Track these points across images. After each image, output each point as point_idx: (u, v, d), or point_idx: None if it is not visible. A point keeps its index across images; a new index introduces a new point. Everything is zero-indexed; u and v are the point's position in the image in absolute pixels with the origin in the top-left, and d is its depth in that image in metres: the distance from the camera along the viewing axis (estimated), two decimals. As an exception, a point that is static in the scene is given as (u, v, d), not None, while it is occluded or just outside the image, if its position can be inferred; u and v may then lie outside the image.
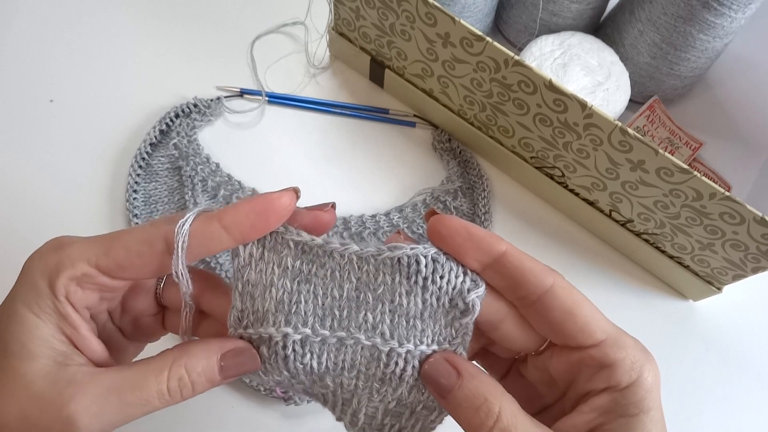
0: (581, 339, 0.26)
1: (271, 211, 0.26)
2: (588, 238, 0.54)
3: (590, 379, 0.26)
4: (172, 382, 0.26)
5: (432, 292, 0.26)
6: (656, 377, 0.26)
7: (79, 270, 0.26)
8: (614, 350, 0.25)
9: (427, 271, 0.26)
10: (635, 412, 0.25)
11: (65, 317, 0.26)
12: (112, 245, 0.26)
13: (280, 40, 0.60)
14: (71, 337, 0.26)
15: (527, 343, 0.27)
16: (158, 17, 0.60)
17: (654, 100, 0.57)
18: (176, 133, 0.53)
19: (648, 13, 0.53)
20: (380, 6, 0.48)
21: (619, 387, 0.25)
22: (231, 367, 0.27)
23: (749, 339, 0.51)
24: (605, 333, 0.26)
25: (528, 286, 0.26)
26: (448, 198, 0.52)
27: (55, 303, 0.26)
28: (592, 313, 0.26)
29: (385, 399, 0.27)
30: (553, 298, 0.26)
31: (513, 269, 0.26)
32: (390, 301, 0.26)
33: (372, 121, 0.57)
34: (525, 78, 0.44)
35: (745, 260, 0.44)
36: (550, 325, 0.26)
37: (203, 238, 0.25)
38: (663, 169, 0.42)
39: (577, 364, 0.26)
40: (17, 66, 0.56)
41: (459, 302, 0.26)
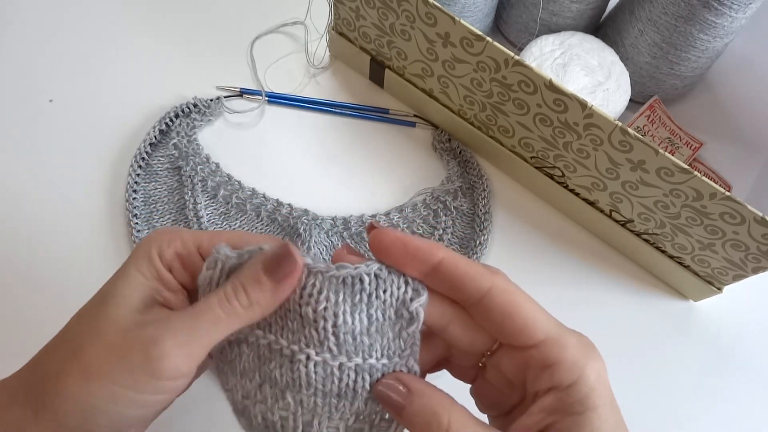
0: (522, 339, 0.26)
1: None
2: (588, 238, 0.54)
3: (536, 378, 0.26)
4: (227, 288, 0.28)
5: (377, 307, 0.26)
6: (600, 373, 0.26)
7: (185, 249, 0.30)
8: (554, 349, 0.26)
9: (370, 288, 0.26)
10: (581, 410, 0.25)
11: (165, 281, 0.29)
12: (217, 235, 0.30)
13: (280, 40, 0.60)
14: (166, 298, 0.29)
15: (478, 344, 0.28)
16: (158, 17, 0.60)
17: (654, 100, 0.57)
18: (176, 133, 0.53)
19: (648, 12, 0.53)
20: (380, 6, 0.48)
21: (561, 386, 0.26)
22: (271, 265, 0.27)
23: (749, 339, 0.51)
24: (545, 333, 0.26)
25: (466, 290, 0.27)
26: (448, 198, 0.52)
27: (159, 268, 0.29)
28: (533, 314, 0.27)
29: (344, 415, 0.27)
30: (492, 299, 0.26)
31: (450, 276, 0.27)
32: (334, 317, 0.26)
33: (372, 121, 0.57)
34: (525, 78, 0.44)
35: (745, 260, 0.44)
36: (492, 325, 0.27)
37: None
38: (663, 169, 0.42)
39: (523, 363, 0.27)
40: (17, 66, 0.56)
41: (404, 312, 0.26)
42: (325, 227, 0.50)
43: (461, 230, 0.52)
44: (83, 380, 0.26)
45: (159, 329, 0.26)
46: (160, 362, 0.25)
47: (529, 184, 0.55)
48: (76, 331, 0.28)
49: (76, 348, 0.27)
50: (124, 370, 0.26)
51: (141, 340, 0.26)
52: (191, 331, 0.26)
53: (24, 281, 0.41)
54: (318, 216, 0.50)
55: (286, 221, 0.50)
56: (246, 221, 0.50)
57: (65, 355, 0.27)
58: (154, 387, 0.26)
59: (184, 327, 0.26)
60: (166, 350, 0.26)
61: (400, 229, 0.51)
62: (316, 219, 0.50)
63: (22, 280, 0.42)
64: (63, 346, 0.28)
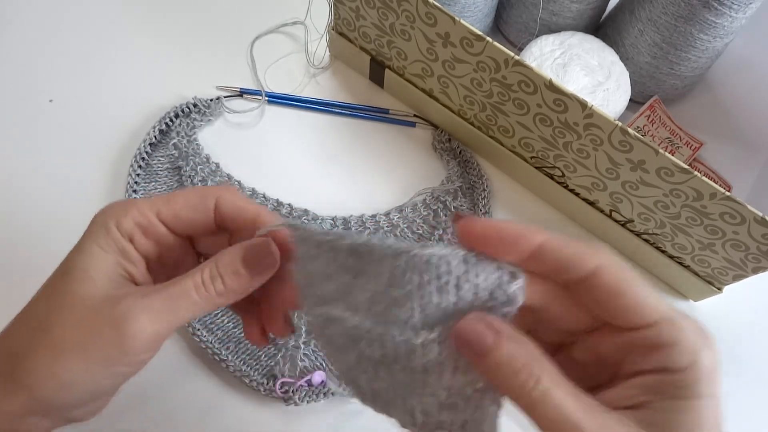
0: (633, 319, 0.25)
1: None
2: (588, 238, 0.54)
3: (642, 359, 0.25)
4: (205, 274, 0.29)
5: (467, 289, 0.25)
6: (715, 363, 0.24)
7: (144, 217, 0.30)
8: (671, 331, 0.24)
9: (458, 270, 0.25)
10: (687, 396, 0.24)
11: (126, 253, 0.29)
12: (173, 198, 0.31)
13: (279, 40, 0.60)
14: (128, 270, 0.29)
15: (576, 323, 0.27)
16: (158, 17, 0.60)
17: (654, 100, 0.57)
18: (176, 133, 0.53)
19: (648, 12, 0.53)
20: (380, 6, 0.48)
21: (672, 368, 0.24)
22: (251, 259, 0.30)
23: (749, 339, 0.51)
24: (659, 313, 0.25)
25: (569, 270, 0.25)
26: (448, 198, 0.52)
27: (119, 240, 0.29)
28: (645, 293, 0.25)
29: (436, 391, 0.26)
30: (599, 279, 0.25)
31: (551, 258, 0.25)
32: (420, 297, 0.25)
33: (372, 121, 0.57)
34: (525, 78, 0.44)
35: (745, 260, 0.44)
36: (598, 305, 0.25)
37: None
38: (663, 169, 0.42)
39: (628, 344, 0.25)
40: (17, 66, 0.56)
41: (499, 295, 0.25)
42: (325, 227, 0.50)
43: (461, 230, 0.52)
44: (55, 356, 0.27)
45: (133, 307, 0.27)
46: (134, 339, 0.27)
47: (529, 184, 0.55)
48: (41, 309, 0.28)
49: (44, 325, 0.27)
50: (96, 346, 0.27)
51: (113, 317, 0.27)
52: (166, 313, 0.28)
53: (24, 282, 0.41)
54: (318, 216, 0.50)
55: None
56: (246, 221, 0.50)
57: (33, 333, 0.28)
58: (127, 361, 0.28)
59: (161, 308, 0.28)
60: (140, 328, 0.27)
61: (400, 229, 0.51)
62: (316, 219, 0.50)
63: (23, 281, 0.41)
64: (28, 324, 0.28)
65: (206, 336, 0.45)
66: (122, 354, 0.27)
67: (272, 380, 0.45)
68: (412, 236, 0.51)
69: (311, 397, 0.44)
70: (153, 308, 0.27)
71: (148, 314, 0.27)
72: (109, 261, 0.29)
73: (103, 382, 0.28)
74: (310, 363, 0.46)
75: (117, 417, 0.44)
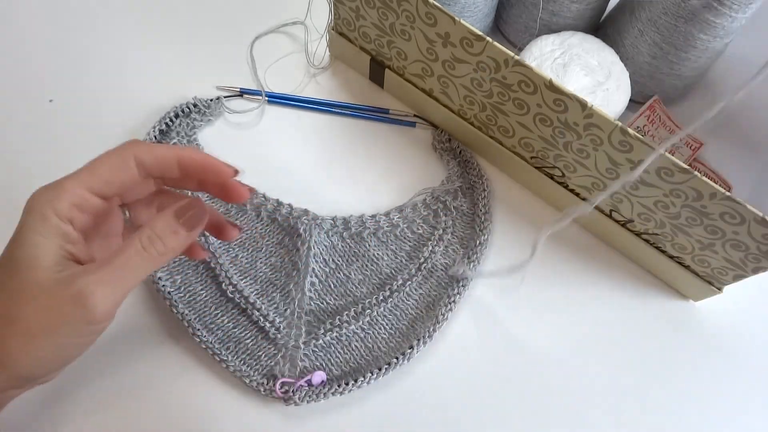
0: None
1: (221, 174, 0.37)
2: (588, 238, 0.54)
3: None
4: (143, 238, 0.32)
5: None
6: None
7: (78, 196, 0.32)
8: None
9: None
10: None
11: (67, 236, 0.32)
12: (97, 167, 0.33)
13: (279, 40, 0.60)
14: (70, 251, 0.32)
15: None
16: (158, 17, 0.60)
17: (654, 100, 0.57)
18: (176, 133, 0.53)
19: (648, 12, 0.53)
20: (380, 6, 0.48)
21: None
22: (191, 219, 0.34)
23: (749, 339, 0.51)
24: None
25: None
26: (448, 198, 0.52)
27: (58, 225, 0.32)
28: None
29: None
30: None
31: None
32: None
33: (372, 121, 0.57)
34: (525, 78, 0.44)
35: (745, 260, 0.44)
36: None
37: None
38: (663, 169, 0.42)
39: None
40: (17, 66, 0.56)
41: None
42: (325, 227, 0.50)
43: (461, 230, 0.52)
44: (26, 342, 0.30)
45: (88, 284, 0.30)
46: (95, 311, 0.30)
47: (529, 184, 0.55)
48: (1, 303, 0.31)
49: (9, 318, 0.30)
50: (64, 324, 0.30)
51: (72, 296, 0.30)
52: (118, 283, 0.31)
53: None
54: (318, 216, 0.50)
55: (286, 221, 0.50)
56: (246, 221, 0.50)
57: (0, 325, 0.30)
58: (92, 330, 0.32)
59: (112, 279, 0.31)
60: (99, 301, 0.30)
61: (400, 229, 0.51)
62: (316, 219, 0.50)
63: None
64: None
65: (206, 336, 0.45)
66: (88, 325, 0.31)
67: (272, 380, 0.45)
68: (412, 236, 0.51)
69: (311, 397, 0.44)
70: (106, 282, 0.31)
71: (103, 288, 0.31)
72: (52, 247, 0.31)
73: (72, 352, 0.33)
74: (310, 363, 0.46)
75: (117, 417, 0.44)
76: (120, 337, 0.46)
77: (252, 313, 0.47)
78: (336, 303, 0.48)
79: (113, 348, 0.46)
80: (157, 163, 0.35)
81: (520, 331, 0.50)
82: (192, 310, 0.46)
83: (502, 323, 0.50)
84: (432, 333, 0.47)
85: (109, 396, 0.44)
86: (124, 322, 0.47)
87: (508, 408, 0.47)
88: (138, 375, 0.45)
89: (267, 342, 0.46)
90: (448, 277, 0.50)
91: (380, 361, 0.46)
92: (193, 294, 0.47)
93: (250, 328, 0.47)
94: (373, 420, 0.46)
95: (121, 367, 0.45)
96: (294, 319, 0.47)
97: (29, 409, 0.43)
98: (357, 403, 0.46)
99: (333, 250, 0.50)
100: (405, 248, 0.51)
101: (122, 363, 0.45)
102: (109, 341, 0.46)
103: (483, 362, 0.48)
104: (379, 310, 0.48)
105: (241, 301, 0.47)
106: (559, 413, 0.47)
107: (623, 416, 0.47)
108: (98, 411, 0.44)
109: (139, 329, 0.47)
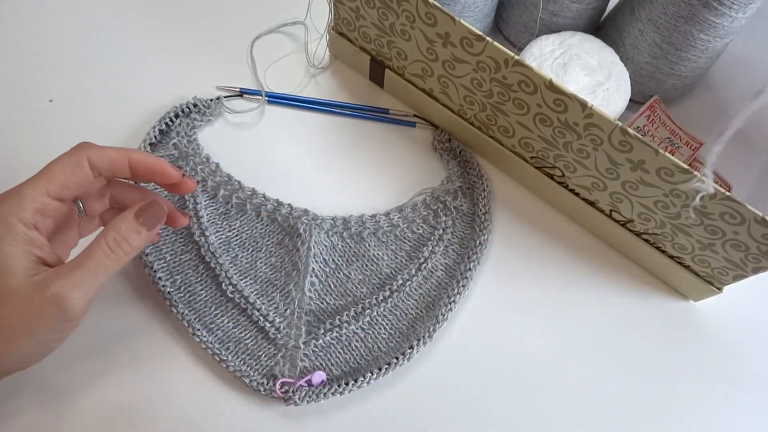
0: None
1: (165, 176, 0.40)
2: (588, 238, 0.54)
3: None
4: (109, 240, 0.36)
5: None
6: None
7: (39, 202, 0.35)
8: None
9: None
10: None
11: (34, 241, 0.35)
12: (52, 172, 0.36)
13: (280, 40, 0.60)
14: (38, 255, 0.35)
15: None
16: (158, 17, 0.60)
17: (654, 100, 0.57)
18: (176, 133, 0.53)
19: (648, 12, 0.53)
20: (380, 6, 0.48)
21: None
22: (145, 216, 0.38)
23: (749, 339, 0.51)
24: None
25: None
26: (448, 198, 0.52)
27: (25, 233, 0.35)
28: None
29: None
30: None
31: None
32: None
33: (372, 121, 0.57)
34: (525, 78, 0.44)
35: (745, 260, 0.44)
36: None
37: None
38: (663, 169, 0.42)
39: None
40: (17, 66, 0.56)
41: None
42: (325, 227, 0.50)
43: (461, 230, 0.52)
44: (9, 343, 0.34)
45: (63, 286, 0.34)
46: (73, 311, 0.34)
47: (529, 184, 0.55)
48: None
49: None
50: (44, 324, 0.34)
51: (49, 299, 0.34)
52: (90, 283, 0.35)
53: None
54: (318, 216, 0.50)
55: (286, 221, 0.50)
56: (246, 221, 0.50)
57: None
58: (68, 326, 0.36)
59: (84, 280, 0.35)
60: (75, 302, 0.34)
61: (400, 229, 0.51)
62: (316, 219, 0.50)
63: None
64: None
65: (206, 336, 0.45)
66: (66, 322, 0.35)
67: (272, 380, 0.45)
68: (412, 236, 0.51)
69: (311, 397, 0.44)
70: (80, 284, 0.34)
71: (77, 289, 0.34)
72: (22, 254, 0.34)
73: (51, 346, 0.37)
74: (310, 363, 0.46)
75: (117, 417, 0.44)
76: (120, 337, 0.46)
77: (252, 313, 0.47)
78: (336, 303, 0.48)
79: (113, 348, 0.46)
80: (110, 164, 0.38)
81: (519, 331, 0.50)
82: (192, 310, 0.46)
83: (501, 323, 0.50)
84: (432, 333, 0.47)
85: (109, 396, 0.44)
86: (124, 323, 0.47)
87: (508, 408, 0.47)
88: (138, 375, 0.45)
89: (267, 342, 0.46)
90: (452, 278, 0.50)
91: (380, 361, 0.46)
92: (193, 294, 0.47)
93: (250, 328, 0.47)
94: (373, 420, 0.46)
95: (121, 368, 0.45)
96: (294, 319, 0.47)
97: (29, 409, 0.43)
98: (357, 403, 0.46)
99: (333, 250, 0.50)
100: (405, 248, 0.51)
101: (122, 363, 0.46)
102: (109, 341, 0.46)
103: (483, 362, 0.48)
104: (379, 310, 0.48)
105: (241, 301, 0.47)
106: (558, 413, 0.47)
107: (623, 416, 0.47)
108: (98, 411, 0.44)
109: (139, 329, 0.47)
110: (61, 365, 0.44)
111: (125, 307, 0.47)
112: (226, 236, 0.50)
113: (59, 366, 0.44)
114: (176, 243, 0.49)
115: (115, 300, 0.47)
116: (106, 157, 0.37)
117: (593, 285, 0.52)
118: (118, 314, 0.47)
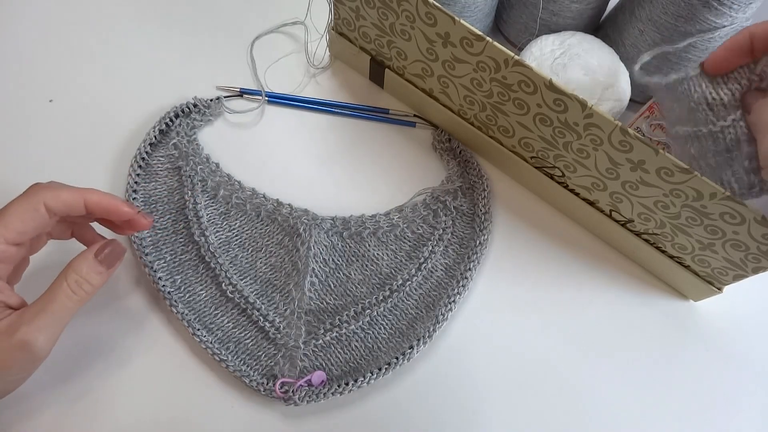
0: None
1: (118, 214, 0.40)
2: (588, 238, 0.54)
3: None
4: (71, 283, 0.37)
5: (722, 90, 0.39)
6: None
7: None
8: None
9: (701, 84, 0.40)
10: None
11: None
12: (8, 220, 0.37)
13: (279, 40, 0.60)
14: (2, 300, 0.37)
15: None
16: (158, 17, 0.60)
17: (654, 101, 0.57)
18: (176, 133, 0.53)
19: (648, 12, 0.53)
20: (380, 6, 0.48)
21: None
22: (104, 256, 0.39)
23: (749, 339, 0.51)
24: None
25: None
26: (448, 198, 0.52)
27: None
28: None
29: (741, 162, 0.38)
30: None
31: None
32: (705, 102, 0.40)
33: (372, 121, 0.57)
34: (525, 78, 0.44)
35: (745, 260, 0.44)
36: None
37: None
38: (663, 169, 0.42)
39: None
40: (17, 66, 0.56)
41: None
42: (325, 227, 0.50)
43: (461, 230, 0.52)
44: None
45: (29, 331, 0.36)
46: (39, 353, 0.36)
47: (529, 184, 0.55)
48: None
49: None
50: (12, 367, 0.36)
51: (17, 345, 0.35)
52: (54, 325, 0.37)
53: (24, 283, 0.41)
54: (318, 216, 0.50)
55: (286, 221, 0.50)
56: (246, 221, 0.50)
57: None
58: (35, 366, 0.38)
59: (49, 324, 0.36)
60: (42, 345, 0.36)
61: (400, 229, 0.51)
62: (316, 219, 0.50)
63: (22, 283, 0.42)
64: None
65: (206, 336, 0.45)
66: (35, 362, 0.37)
67: (272, 380, 0.45)
68: (412, 236, 0.51)
69: (311, 397, 0.44)
70: (44, 327, 0.36)
71: (44, 333, 0.36)
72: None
73: (19, 382, 0.39)
74: (309, 363, 0.46)
75: (117, 417, 0.44)
76: (120, 337, 0.46)
77: (252, 313, 0.47)
78: (336, 303, 0.48)
79: (113, 348, 0.46)
80: (65, 207, 0.38)
81: (519, 331, 0.50)
82: (192, 310, 0.46)
83: (501, 323, 0.50)
84: (432, 333, 0.47)
85: (109, 396, 0.44)
86: (123, 323, 0.47)
87: (509, 407, 0.47)
88: (138, 375, 0.45)
89: (267, 342, 0.46)
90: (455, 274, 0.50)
91: (380, 361, 0.46)
92: (193, 294, 0.47)
93: (249, 328, 0.47)
94: (373, 420, 0.46)
95: (121, 368, 0.45)
96: (294, 319, 0.47)
97: (29, 408, 0.43)
98: (357, 403, 0.46)
99: (333, 250, 0.50)
100: (405, 248, 0.51)
101: (122, 363, 0.46)
102: (109, 342, 0.46)
103: (483, 362, 0.48)
104: (379, 310, 0.48)
105: (241, 301, 0.47)
106: (558, 413, 0.47)
107: (623, 415, 0.47)
108: (98, 411, 0.44)
109: (139, 329, 0.47)
110: (61, 365, 0.44)
111: (125, 307, 0.47)
112: (226, 236, 0.50)
113: (59, 366, 0.44)
114: (176, 243, 0.49)
115: (115, 300, 0.47)
116: (62, 201, 0.38)
117: (593, 285, 0.52)
118: (117, 314, 0.47)
